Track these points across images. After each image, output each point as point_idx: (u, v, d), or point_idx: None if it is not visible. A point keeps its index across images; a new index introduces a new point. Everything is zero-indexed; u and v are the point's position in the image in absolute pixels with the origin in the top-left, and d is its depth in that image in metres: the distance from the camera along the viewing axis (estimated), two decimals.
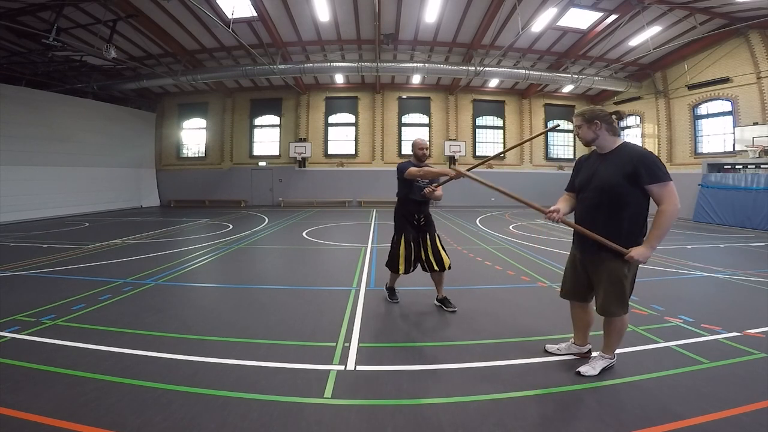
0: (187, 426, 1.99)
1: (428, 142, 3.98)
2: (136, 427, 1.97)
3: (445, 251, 3.81)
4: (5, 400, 2.17)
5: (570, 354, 2.76)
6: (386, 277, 4.20)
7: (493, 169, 18.09)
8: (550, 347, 2.86)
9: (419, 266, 3.88)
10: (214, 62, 14.88)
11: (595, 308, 2.51)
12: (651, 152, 2.27)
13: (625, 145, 2.35)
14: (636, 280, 2.49)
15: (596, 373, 2.47)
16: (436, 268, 3.75)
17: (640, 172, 2.17)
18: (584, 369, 2.49)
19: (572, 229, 2.50)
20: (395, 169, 3.81)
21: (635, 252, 2.22)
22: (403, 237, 3.79)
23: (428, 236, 3.80)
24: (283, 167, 18.04)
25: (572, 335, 2.80)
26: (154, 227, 10.32)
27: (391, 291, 4.13)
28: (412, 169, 3.60)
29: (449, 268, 3.79)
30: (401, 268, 3.77)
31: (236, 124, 18.30)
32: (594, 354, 2.64)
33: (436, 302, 3.96)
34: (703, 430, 1.97)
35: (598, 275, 2.40)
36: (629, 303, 2.45)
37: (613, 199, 2.26)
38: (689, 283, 4.95)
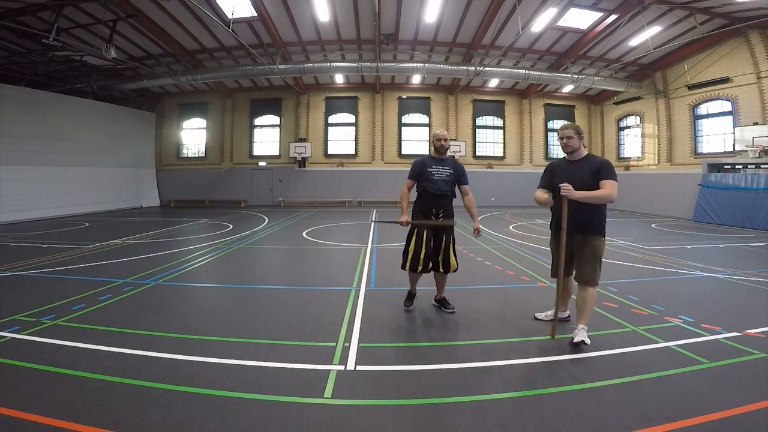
0: (187, 426, 1.99)
1: (447, 133, 3.81)
2: (136, 427, 1.97)
3: (455, 255, 3.67)
4: (5, 400, 2.17)
5: (559, 318, 3.38)
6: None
7: (494, 169, 18.14)
8: (539, 315, 3.57)
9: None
10: (214, 62, 14.88)
11: (575, 279, 3.14)
12: (608, 161, 3.06)
13: (590, 155, 3.14)
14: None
15: (589, 341, 2.93)
16: (441, 269, 3.64)
17: (601, 170, 2.95)
18: (583, 337, 2.91)
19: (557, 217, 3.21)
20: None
21: (566, 188, 2.94)
22: (415, 231, 3.61)
23: (444, 239, 3.60)
24: (283, 167, 18.03)
25: (558, 302, 3.37)
26: (154, 227, 10.32)
27: (408, 296, 3.89)
28: (403, 191, 3.72)
29: (455, 271, 3.67)
30: (408, 264, 3.61)
31: (236, 124, 18.30)
32: (579, 327, 2.98)
33: (434, 302, 3.94)
34: (703, 430, 1.97)
35: (583, 251, 3.03)
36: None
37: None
38: (689, 283, 4.95)
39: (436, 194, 3.60)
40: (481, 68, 13.57)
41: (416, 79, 16.55)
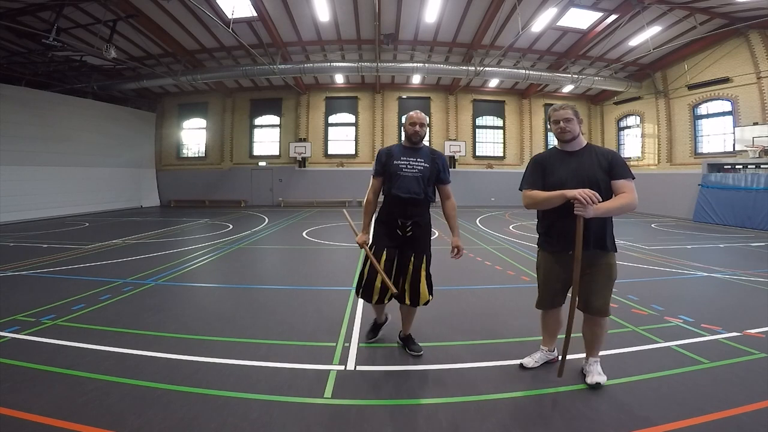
0: (187, 426, 1.99)
1: (424, 117, 2.78)
2: (136, 427, 1.97)
3: (428, 283, 2.71)
4: (5, 400, 2.17)
5: (545, 362, 2.67)
6: None
7: (494, 169, 18.14)
8: (527, 362, 2.65)
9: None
10: (214, 62, 14.87)
11: (580, 309, 2.37)
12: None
13: (592, 144, 2.41)
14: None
15: (605, 376, 2.40)
16: (407, 301, 2.67)
17: (616, 166, 2.24)
18: (599, 379, 2.36)
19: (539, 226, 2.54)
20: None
21: (580, 205, 2.11)
22: (373, 252, 2.65)
23: (412, 258, 2.64)
24: (283, 167, 18.04)
25: (544, 340, 2.75)
26: (154, 227, 10.32)
27: (373, 325, 3.02)
28: (366, 199, 2.78)
29: (426, 303, 2.72)
30: (360, 291, 2.74)
31: (236, 124, 18.30)
32: (590, 362, 2.47)
33: (398, 339, 3.02)
34: (703, 430, 1.97)
35: (594, 274, 2.30)
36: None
37: (599, 191, 2.18)
38: (689, 283, 4.95)
39: (402, 198, 2.61)
40: (481, 68, 13.57)
41: (416, 79, 16.54)
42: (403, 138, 2.84)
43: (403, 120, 2.76)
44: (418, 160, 2.68)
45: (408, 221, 2.64)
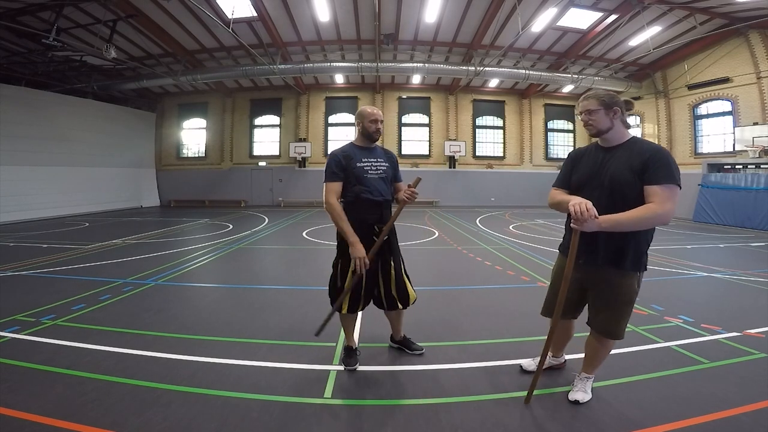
0: (187, 426, 1.99)
1: (381, 114, 2.64)
2: (136, 427, 1.98)
3: (410, 281, 2.71)
4: (5, 400, 2.18)
5: (548, 367, 2.58)
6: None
7: (494, 169, 18.14)
8: (526, 365, 2.59)
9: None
10: (214, 62, 14.88)
11: (589, 325, 2.18)
12: (667, 150, 1.95)
13: (637, 138, 2.01)
14: None
15: (590, 395, 2.25)
16: (399, 305, 2.64)
17: (651, 167, 1.84)
18: (580, 396, 2.21)
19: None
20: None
21: (577, 219, 1.83)
22: (354, 267, 2.43)
23: (392, 263, 2.58)
24: (283, 167, 18.04)
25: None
26: (154, 227, 10.32)
27: (348, 351, 2.71)
28: (333, 204, 2.48)
29: (414, 302, 2.72)
30: (346, 306, 2.55)
31: (236, 124, 18.30)
32: (582, 377, 2.29)
33: (392, 343, 2.98)
34: (703, 430, 1.97)
35: (604, 291, 2.04)
36: None
37: (625, 197, 1.88)
38: (689, 283, 4.95)
39: (376, 201, 2.50)
40: (481, 68, 13.57)
41: (416, 79, 16.53)
42: (357, 137, 2.65)
43: (360, 117, 2.59)
44: (379, 160, 2.58)
45: (382, 226, 2.49)
